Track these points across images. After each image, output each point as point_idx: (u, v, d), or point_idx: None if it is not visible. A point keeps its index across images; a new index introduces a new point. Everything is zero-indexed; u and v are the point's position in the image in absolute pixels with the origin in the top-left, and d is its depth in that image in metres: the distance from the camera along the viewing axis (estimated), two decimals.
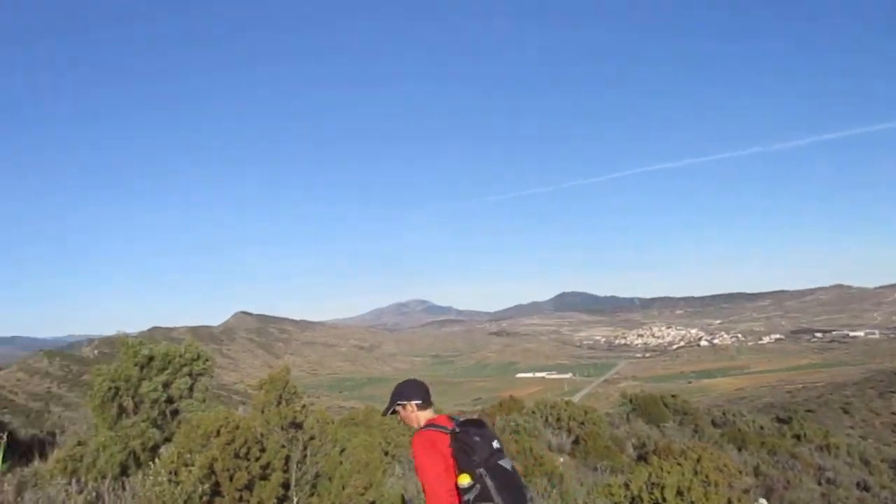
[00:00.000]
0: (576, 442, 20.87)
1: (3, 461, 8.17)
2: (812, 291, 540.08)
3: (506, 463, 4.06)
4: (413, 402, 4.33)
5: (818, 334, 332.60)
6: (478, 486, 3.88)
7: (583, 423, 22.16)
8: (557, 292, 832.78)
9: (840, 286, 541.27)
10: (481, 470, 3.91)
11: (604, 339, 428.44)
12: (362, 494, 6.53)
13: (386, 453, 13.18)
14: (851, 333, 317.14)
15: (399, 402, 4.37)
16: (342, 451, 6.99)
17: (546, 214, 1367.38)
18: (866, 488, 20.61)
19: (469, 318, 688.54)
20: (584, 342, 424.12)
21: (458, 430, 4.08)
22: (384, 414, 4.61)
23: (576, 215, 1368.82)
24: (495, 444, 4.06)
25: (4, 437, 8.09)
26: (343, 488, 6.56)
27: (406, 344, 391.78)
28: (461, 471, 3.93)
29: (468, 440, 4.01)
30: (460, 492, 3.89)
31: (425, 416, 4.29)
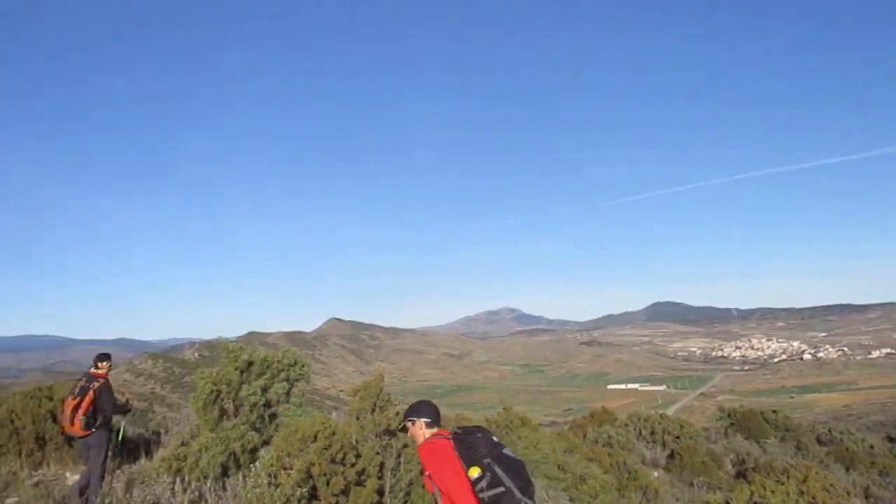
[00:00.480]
0: (671, 456, 20.34)
1: (121, 439, 8.76)
2: None
3: (508, 451, 4.50)
4: (423, 420, 4.74)
5: None
6: (488, 474, 4.29)
7: (678, 437, 21.59)
8: (650, 302, 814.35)
9: None
10: (488, 460, 4.34)
11: (699, 351, 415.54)
12: None
13: None
14: None
15: (410, 419, 4.77)
16: None
17: (639, 223, 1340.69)
18: None
19: (559, 328, 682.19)
20: (679, 353, 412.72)
21: (459, 432, 4.57)
22: (396, 430, 4.79)
23: (669, 224, 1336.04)
24: (495, 439, 4.52)
25: (123, 423, 8.72)
26: None
27: (496, 352, 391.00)
28: (469, 466, 4.34)
29: (469, 439, 4.48)
30: (472, 483, 4.29)
31: (431, 433, 4.70)
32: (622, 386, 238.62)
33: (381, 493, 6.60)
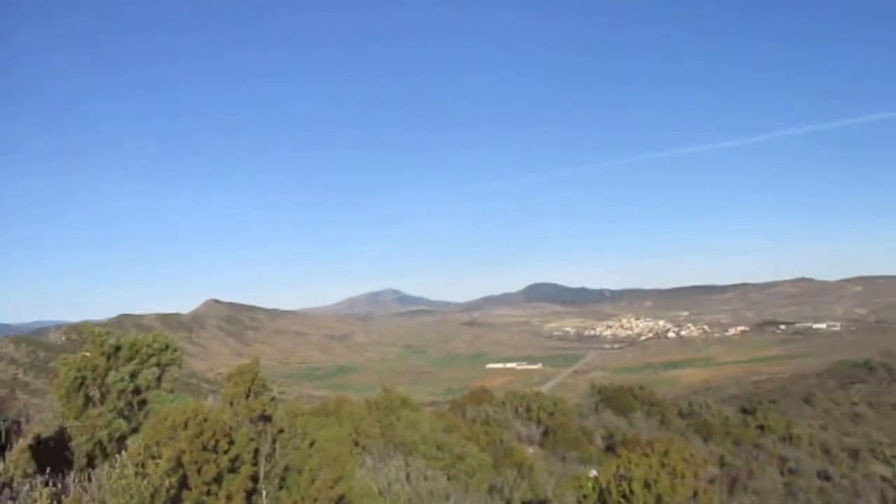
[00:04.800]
0: (545, 433, 21.04)
1: None
2: (777, 284, 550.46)
3: None
4: None
5: (782, 326, 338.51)
6: None
7: (552, 414, 22.34)
8: (528, 283, 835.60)
9: (804, 279, 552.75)
10: None
11: (573, 331, 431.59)
12: (332, 488, 6.50)
13: (356, 444, 13.17)
14: (814, 325, 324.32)
15: None
16: (312, 443, 6.96)
17: (519, 205, 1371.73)
18: (827, 477, 21.09)
19: (441, 309, 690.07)
20: (555, 333, 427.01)
21: None
22: None
23: (548, 206, 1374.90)
24: None
25: None
26: (312, 481, 6.54)
27: (377, 334, 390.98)
28: None
29: None
30: None
31: None
32: (500, 365, 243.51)
33: (255, 479, 6.49)
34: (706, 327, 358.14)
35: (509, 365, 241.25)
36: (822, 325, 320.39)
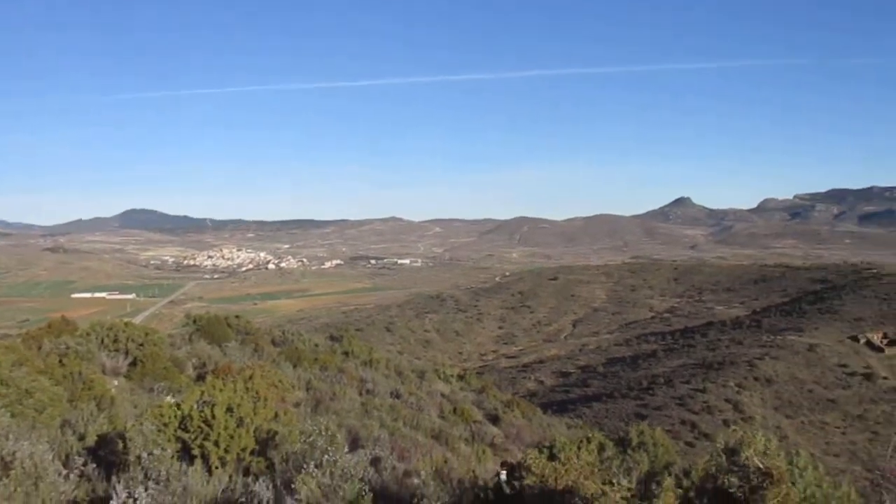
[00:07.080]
0: (133, 364, 20.19)
1: None
2: (370, 222, 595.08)
3: None
4: None
5: (372, 261, 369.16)
6: None
7: (142, 345, 21.44)
8: (125, 209, 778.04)
9: (393, 218, 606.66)
10: None
11: (172, 260, 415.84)
12: None
13: None
14: (399, 261, 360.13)
15: None
16: None
17: (116, 126, 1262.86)
18: (397, 396, 23.92)
19: (21, 232, 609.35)
20: (152, 262, 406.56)
21: None
22: None
23: (147, 129, 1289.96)
24: None
25: None
26: None
27: None
28: None
29: None
30: None
31: None
32: (89, 295, 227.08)
33: None
34: (305, 260, 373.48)
35: (99, 294, 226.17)
36: (406, 261, 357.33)
